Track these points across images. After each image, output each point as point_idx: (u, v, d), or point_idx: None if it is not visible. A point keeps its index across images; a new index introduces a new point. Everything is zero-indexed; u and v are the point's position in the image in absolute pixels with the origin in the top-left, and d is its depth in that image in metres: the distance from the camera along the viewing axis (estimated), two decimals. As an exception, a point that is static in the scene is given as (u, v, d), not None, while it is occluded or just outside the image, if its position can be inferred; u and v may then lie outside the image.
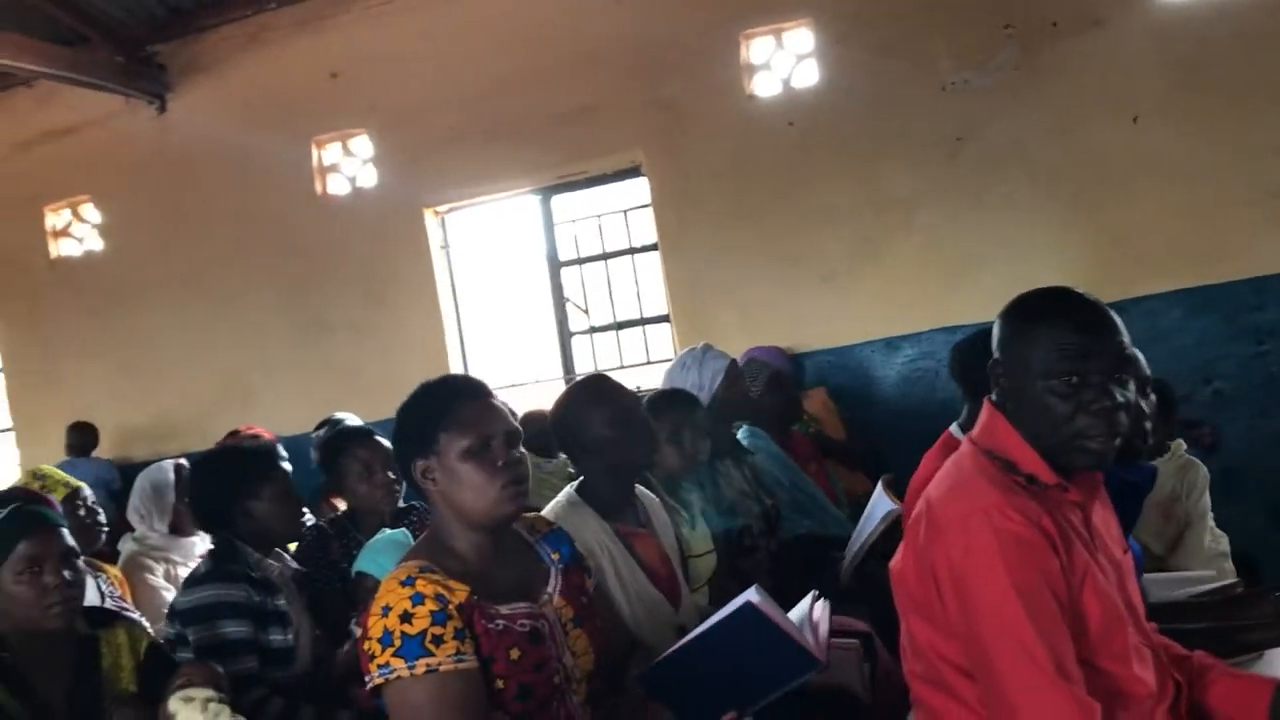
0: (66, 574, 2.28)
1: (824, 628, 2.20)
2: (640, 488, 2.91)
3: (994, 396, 1.92)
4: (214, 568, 2.84)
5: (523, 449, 2.09)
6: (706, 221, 6.24)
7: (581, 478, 2.79)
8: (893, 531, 3.10)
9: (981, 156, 5.72)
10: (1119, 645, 1.80)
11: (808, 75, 6.13)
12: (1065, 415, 1.78)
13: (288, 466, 4.29)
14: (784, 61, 6.23)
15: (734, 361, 3.89)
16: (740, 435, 3.99)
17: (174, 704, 2.15)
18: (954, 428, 2.89)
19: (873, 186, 5.91)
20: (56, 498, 3.19)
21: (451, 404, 2.05)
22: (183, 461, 3.96)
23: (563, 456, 4.35)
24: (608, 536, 2.61)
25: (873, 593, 3.00)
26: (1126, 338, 1.81)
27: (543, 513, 2.57)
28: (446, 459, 2.01)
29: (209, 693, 2.17)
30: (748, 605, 1.99)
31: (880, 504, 3.26)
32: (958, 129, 5.75)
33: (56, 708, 2.26)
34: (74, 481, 3.65)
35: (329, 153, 7.20)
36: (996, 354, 1.89)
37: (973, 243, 5.74)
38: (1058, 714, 1.66)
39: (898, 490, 3.21)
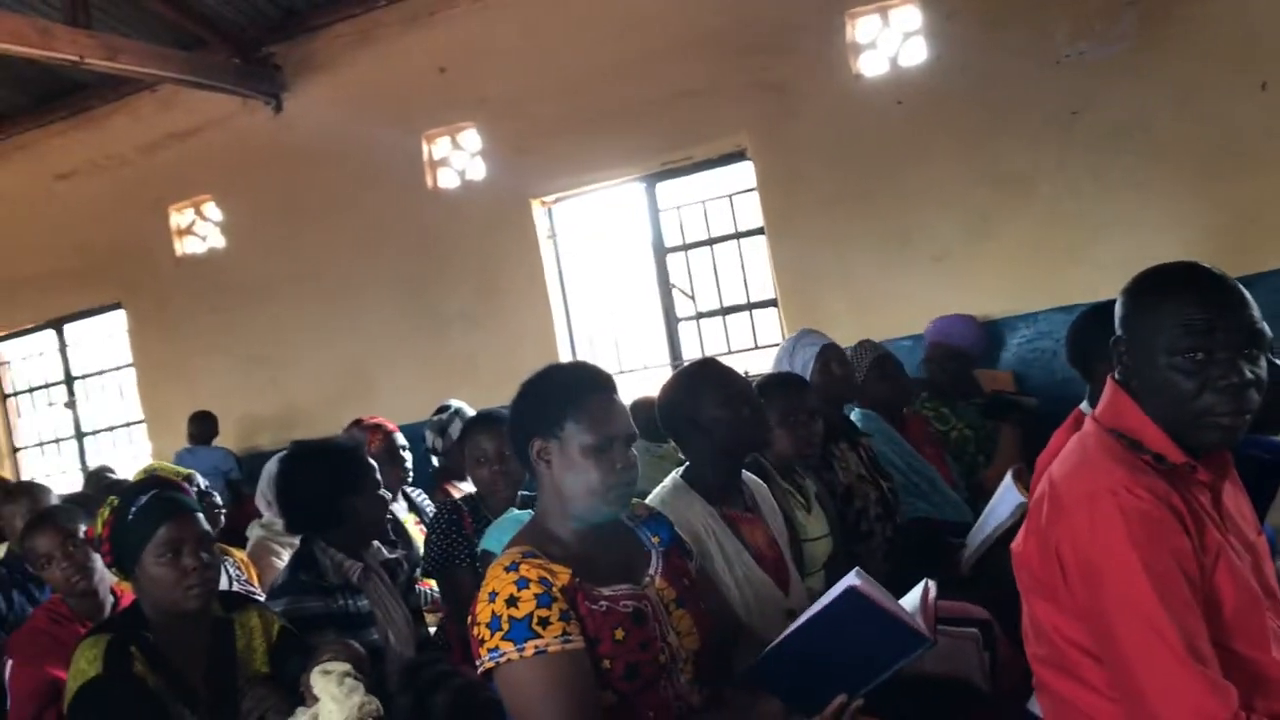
0: (204, 556, 2.38)
1: (932, 607, 2.16)
2: (747, 473, 2.90)
3: (1117, 374, 1.87)
4: (289, 579, 2.86)
5: (634, 449, 2.10)
6: (814, 204, 6.18)
7: (687, 462, 2.79)
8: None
9: (1100, 129, 5.55)
10: (1256, 629, 1.73)
11: (916, 53, 6.03)
12: (1191, 392, 1.72)
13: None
14: (891, 39, 6.13)
15: (825, 347, 3.84)
16: (853, 417, 3.95)
17: (315, 676, 2.22)
18: (1084, 405, 2.82)
19: (986, 163, 5.78)
20: None
21: (583, 394, 2.07)
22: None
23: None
24: (714, 521, 2.60)
25: (993, 579, 2.94)
26: (1256, 311, 1.74)
27: (649, 499, 2.59)
28: (568, 447, 2.04)
29: (347, 667, 2.24)
30: (850, 590, 1.97)
31: (1009, 495, 3.16)
32: (1075, 102, 5.58)
33: (195, 687, 2.35)
34: (184, 470, 3.78)
35: (439, 147, 7.33)
36: (1119, 331, 1.84)
37: (1092, 218, 5.57)
38: (1190, 697, 1.60)
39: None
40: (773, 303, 6.57)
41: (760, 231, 6.51)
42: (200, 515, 2.46)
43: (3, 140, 8.52)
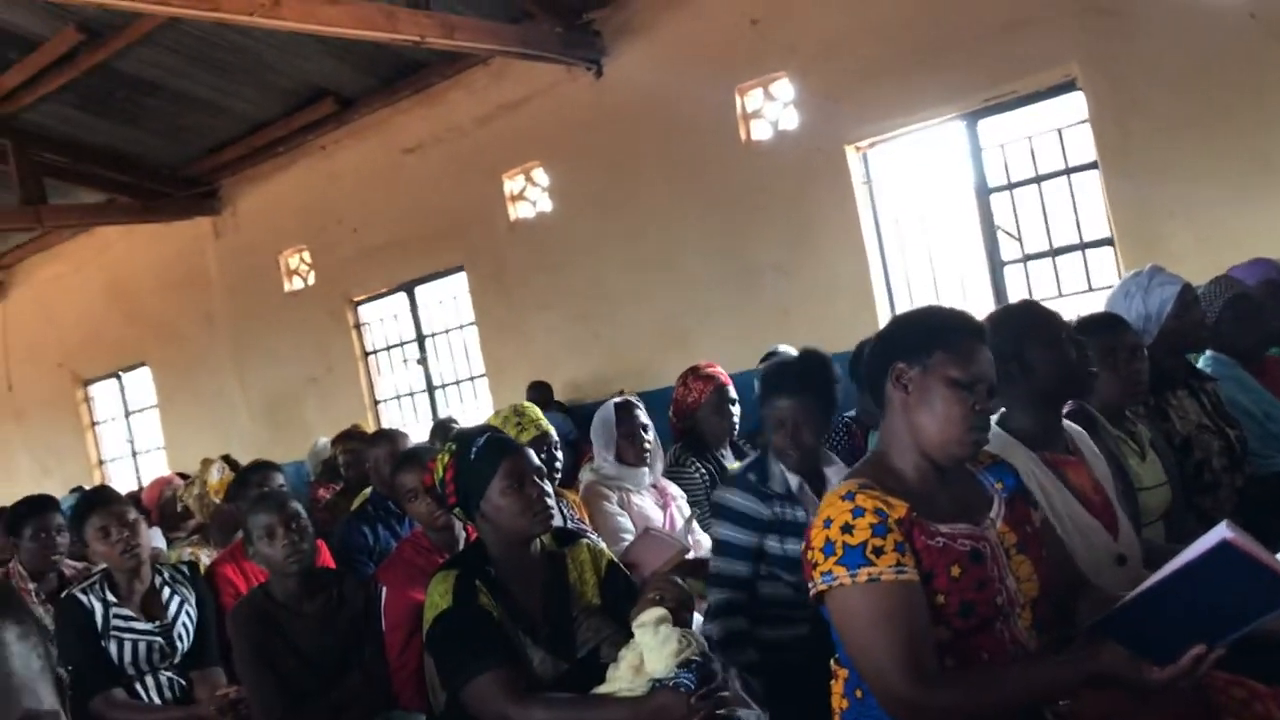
0: (544, 484, 2.56)
1: None
2: (1065, 420, 2.75)
3: None
4: (739, 475, 3.19)
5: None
6: (1154, 133, 5.72)
7: (1003, 409, 2.68)
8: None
9: None
10: None
11: (1274, -43, 5.42)
12: None
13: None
14: (1244, -56, 5.54)
15: (1186, 286, 3.52)
16: (1202, 361, 3.64)
17: (635, 625, 2.36)
18: None
19: (1361, 72, 5.13)
20: (527, 436, 3.57)
21: (959, 331, 2.08)
22: (630, 398, 4.25)
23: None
24: (1036, 466, 2.51)
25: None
26: None
27: None
28: (931, 376, 2.04)
29: (660, 613, 2.35)
30: (1224, 544, 1.81)
31: None
32: None
33: (534, 616, 2.54)
34: (546, 425, 3.95)
35: (751, 99, 7.35)
36: None
37: None
38: None
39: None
40: (1108, 242, 6.15)
41: (1093, 166, 6.10)
42: (530, 451, 2.65)
43: (356, 120, 9.31)
